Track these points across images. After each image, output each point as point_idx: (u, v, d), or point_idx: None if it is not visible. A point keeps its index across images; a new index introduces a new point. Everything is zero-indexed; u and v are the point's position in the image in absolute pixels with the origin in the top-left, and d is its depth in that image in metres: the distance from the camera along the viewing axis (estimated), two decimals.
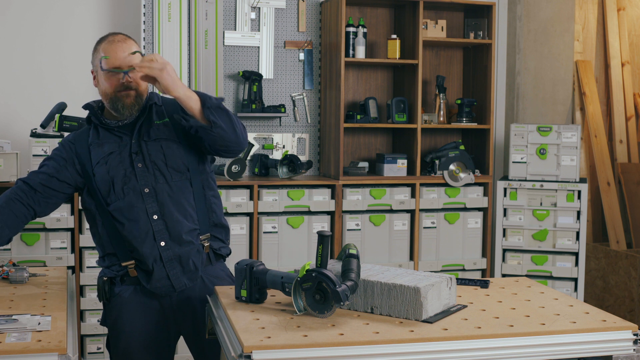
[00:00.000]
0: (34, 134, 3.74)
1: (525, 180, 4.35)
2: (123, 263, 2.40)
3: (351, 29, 4.24)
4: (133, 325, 2.42)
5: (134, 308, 2.42)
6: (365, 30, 4.28)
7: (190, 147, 2.44)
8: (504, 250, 4.37)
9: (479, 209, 4.42)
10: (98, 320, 2.56)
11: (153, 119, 2.44)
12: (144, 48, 4.10)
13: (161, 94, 2.46)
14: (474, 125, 4.44)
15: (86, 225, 3.72)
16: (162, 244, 2.37)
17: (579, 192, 4.29)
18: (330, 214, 4.15)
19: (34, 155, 3.68)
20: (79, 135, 2.46)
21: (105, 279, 2.45)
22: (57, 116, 3.74)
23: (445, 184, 4.31)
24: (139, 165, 2.38)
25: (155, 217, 2.37)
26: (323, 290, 1.94)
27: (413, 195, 4.27)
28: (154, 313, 2.42)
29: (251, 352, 1.72)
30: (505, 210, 4.36)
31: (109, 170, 2.38)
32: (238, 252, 3.89)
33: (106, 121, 2.44)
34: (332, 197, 4.13)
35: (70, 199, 3.74)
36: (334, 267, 2.06)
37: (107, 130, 2.43)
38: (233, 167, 4.03)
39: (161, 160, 2.40)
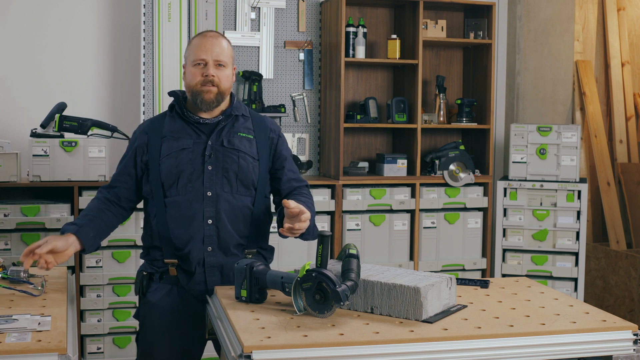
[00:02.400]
0: (34, 134, 3.74)
1: (525, 180, 4.35)
2: (166, 260, 2.41)
3: (351, 29, 4.24)
4: (161, 324, 2.42)
5: (165, 308, 2.42)
6: (365, 30, 4.28)
7: (266, 172, 2.50)
8: (504, 250, 4.37)
9: (479, 209, 4.42)
10: (134, 317, 2.60)
11: (237, 128, 2.47)
12: (144, 48, 4.10)
13: (248, 108, 2.57)
14: (474, 125, 4.44)
15: None
16: (209, 249, 2.39)
17: (579, 192, 4.29)
18: (330, 214, 4.15)
19: (34, 156, 3.68)
20: (154, 125, 2.49)
21: (144, 273, 2.47)
22: (57, 116, 3.74)
23: (445, 184, 4.31)
24: (209, 168, 2.41)
25: (209, 221, 2.39)
26: (323, 290, 1.94)
27: (413, 195, 4.27)
28: (184, 315, 2.42)
29: (251, 352, 1.72)
30: (505, 210, 4.36)
31: (177, 165, 2.40)
32: None
33: (188, 114, 2.46)
34: (332, 197, 4.13)
35: (71, 199, 3.75)
36: (334, 267, 2.06)
37: (186, 123, 2.46)
38: None
39: (233, 170, 2.42)
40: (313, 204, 2.51)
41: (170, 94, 2.51)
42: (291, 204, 2.25)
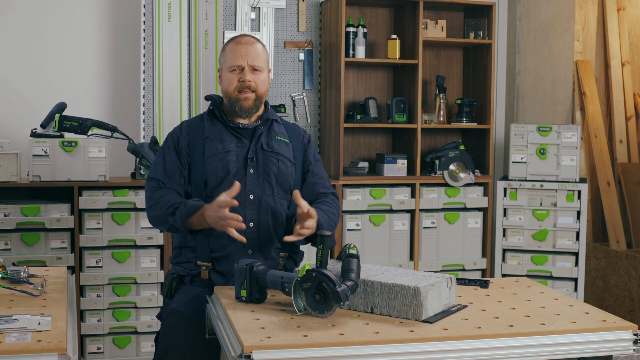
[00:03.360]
0: (34, 134, 3.74)
1: (525, 180, 4.35)
2: (199, 262, 2.41)
3: (351, 29, 4.24)
4: (182, 328, 2.40)
5: (188, 312, 2.40)
6: (365, 30, 4.28)
7: (300, 177, 2.51)
8: (504, 250, 4.37)
9: (479, 209, 4.42)
10: (157, 317, 2.57)
11: (274, 132, 2.50)
12: (144, 48, 4.10)
13: (279, 117, 2.59)
14: (474, 125, 4.44)
15: (86, 225, 3.73)
16: (250, 252, 2.39)
17: (579, 192, 4.29)
18: None
19: (34, 156, 3.68)
20: (194, 126, 2.49)
21: (175, 276, 2.46)
22: (57, 116, 3.74)
23: (445, 184, 4.31)
24: (251, 171, 2.42)
25: (251, 224, 2.39)
26: (323, 290, 1.94)
27: (413, 195, 4.27)
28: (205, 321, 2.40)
29: (251, 352, 1.72)
30: (505, 210, 4.36)
31: (223, 167, 2.40)
32: None
33: (228, 119, 2.47)
34: None
35: (71, 199, 3.75)
36: (334, 267, 2.06)
37: (226, 128, 2.47)
38: None
39: (273, 173, 2.44)
40: (336, 213, 2.49)
41: (207, 98, 2.53)
42: (302, 202, 2.26)
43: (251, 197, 2.41)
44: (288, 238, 2.31)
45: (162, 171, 2.46)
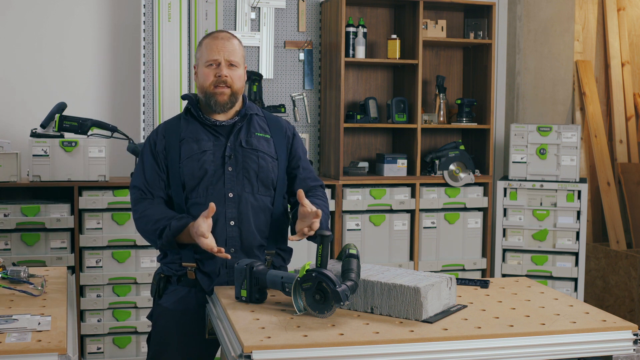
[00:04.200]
0: (34, 134, 3.74)
1: (525, 180, 4.35)
2: (184, 263, 2.40)
3: (351, 29, 4.24)
4: (173, 327, 2.40)
5: (178, 311, 2.40)
6: (365, 30, 4.28)
7: (284, 172, 2.50)
8: (504, 250, 4.37)
9: (479, 209, 4.42)
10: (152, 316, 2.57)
11: (254, 128, 2.48)
12: (144, 48, 4.10)
13: (260, 108, 2.57)
14: (474, 125, 4.44)
15: (86, 225, 3.73)
16: (232, 250, 2.38)
17: (579, 192, 4.28)
18: (330, 213, 4.15)
19: (34, 156, 3.68)
20: (170, 128, 2.47)
21: (162, 275, 2.45)
22: (57, 116, 3.74)
23: (445, 184, 4.31)
24: (229, 169, 2.40)
25: (232, 223, 2.38)
26: (323, 290, 1.94)
27: (413, 195, 4.27)
28: (198, 318, 2.39)
29: (251, 352, 1.72)
30: (505, 210, 4.36)
31: (200, 167, 2.39)
32: None
33: (204, 116, 2.46)
34: (332, 197, 4.13)
35: (71, 199, 3.75)
36: (334, 267, 2.06)
37: (203, 126, 2.45)
38: None
39: (253, 170, 2.42)
40: (327, 206, 2.50)
41: (184, 97, 2.51)
42: (306, 202, 2.26)
43: (230, 195, 2.39)
44: (293, 238, 2.31)
45: (142, 178, 2.45)
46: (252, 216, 2.40)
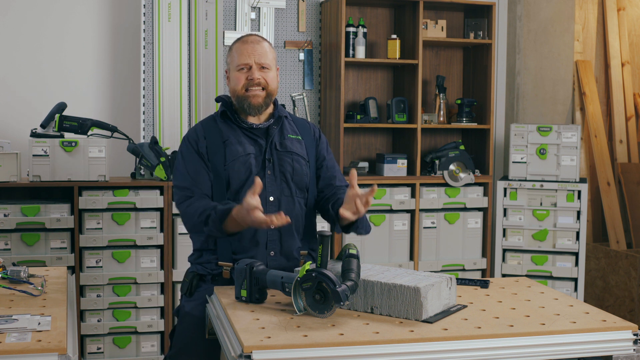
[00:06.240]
0: (34, 134, 3.74)
1: (525, 180, 4.35)
2: (220, 262, 2.40)
3: (351, 29, 4.24)
4: (195, 332, 2.39)
5: (203, 315, 2.37)
6: (365, 30, 4.28)
7: (314, 173, 2.51)
8: (504, 250, 4.37)
9: (479, 209, 4.42)
10: (179, 314, 2.54)
11: (286, 131, 2.49)
12: (144, 48, 4.10)
13: (289, 113, 2.58)
14: (474, 125, 4.44)
15: (86, 225, 3.73)
16: (272, 254, 2.40)
17: (579, 192, 4.28)
18: None
19: (34, 156, 3.68)
20: (210, 129, 2.46)
21: (196, 274, 2.45)
22: (57, 116, 3.74)
23: (445, 184, 4.31)
24: (269, 173, 2.42)
25: (272, 226, 2.38)
26: (323, 290, 1.94)
27: (413, 195, 4.27)
28: None
29: (251, 352, 1.72)
30: (505, 210, 4.36)
31: (245, 170, 2.40)
32: None
33: (240, 119, 2.46)
34: None
35: (71, 199, 3.75)
36: (334, 267, 2.06)
37: (240, 130, 2.46)
38: None
39: (289, 173, 2.44)
40: None
41: (218, 99, 2.52)
42: (355, 184, 2.23)
43: (271, 198, 2.41)
44: (345, 214, 2.24)
45: (187, 177, 2.43)
46: (292, 219, 2.39)
